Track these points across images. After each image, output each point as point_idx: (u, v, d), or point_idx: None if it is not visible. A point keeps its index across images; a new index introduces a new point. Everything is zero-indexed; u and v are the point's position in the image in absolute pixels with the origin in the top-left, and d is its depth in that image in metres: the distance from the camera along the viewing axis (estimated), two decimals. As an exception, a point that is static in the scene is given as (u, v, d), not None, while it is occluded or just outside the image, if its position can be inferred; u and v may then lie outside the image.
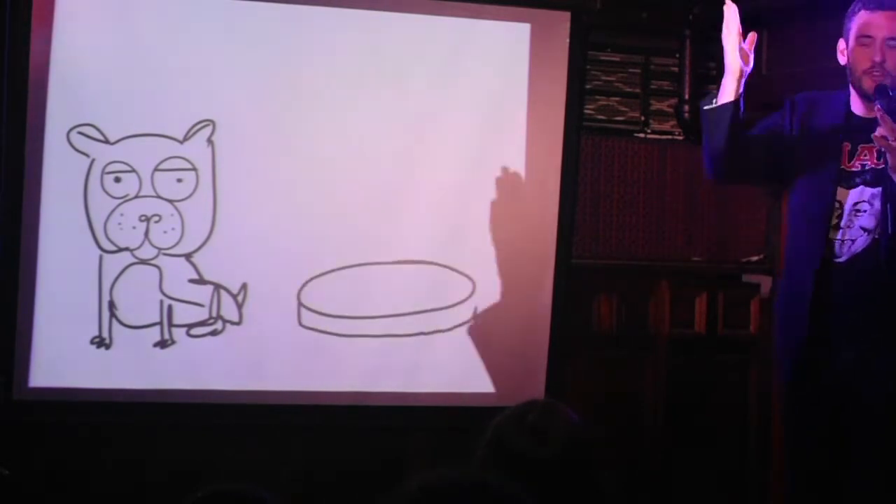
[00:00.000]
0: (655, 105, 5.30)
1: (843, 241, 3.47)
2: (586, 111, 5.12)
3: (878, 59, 3.39)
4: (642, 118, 5.28)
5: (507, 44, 4.76)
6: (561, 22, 4.80)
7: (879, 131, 3.29)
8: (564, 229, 4.84)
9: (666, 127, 5.30)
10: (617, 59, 5.24)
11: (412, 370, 4.74)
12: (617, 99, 5.24)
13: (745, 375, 5.24)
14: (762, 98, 5.02)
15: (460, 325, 4.76)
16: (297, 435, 4.75)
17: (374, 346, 4.70)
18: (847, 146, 3.49)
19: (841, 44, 3.54)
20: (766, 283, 5.24)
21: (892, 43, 3.41)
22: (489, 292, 4.77)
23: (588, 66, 5.10)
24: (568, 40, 4.80)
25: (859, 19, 3.45)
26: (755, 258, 5.32)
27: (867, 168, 3.47)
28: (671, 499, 5.16)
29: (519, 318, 4.79)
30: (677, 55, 5.25)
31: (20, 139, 4.38)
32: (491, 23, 4.74)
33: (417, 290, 4.72)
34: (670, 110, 5.28)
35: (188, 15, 4.54)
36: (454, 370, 4.76)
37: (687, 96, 5.23)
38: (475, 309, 4.77)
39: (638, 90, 5.27)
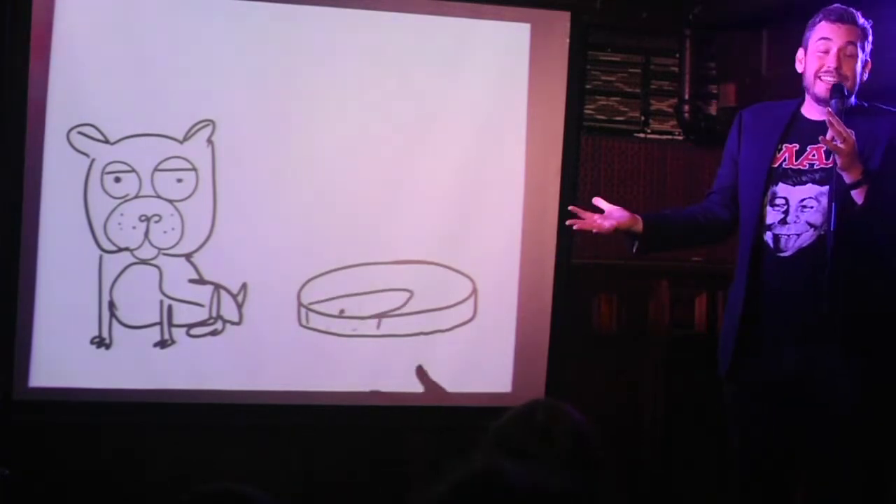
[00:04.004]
0: (655, 105, 5.30)
1: (788, 235, 3.59)
2: (586, 111, 5.12)
3: (833, 64, 3.57)
4: (642, 118, 5.28)
5: (507, 44, 4.76)
6: (561, 22, 4.80)
7: (830, 134, 3.40)
8: (564, 229, 4.83)
9: (666, 127, 5.30)
10: (617, 59, 5.24)
11: (412, 370, 4.74)
12: (617, 99, 5.24)
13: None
14: (762, 98, 5.02)
15: (460, 325, 4.76)
16: (297, 435, 4.75)
17: (374, 346, 4.70)
18: (794, 147, 3.63)
19: (800, 53, 3.71)
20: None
21: (849, 50, 3.58)
22: (489, 292, 4.77)
23: (588, 66, 5.10)
24: (568, 40, 4.80)
25: (819, 28, 3.63)
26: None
27: (816, 167, 3.60)
28: (671, 498, 5.16)
29: (519, 318, 4.79)
30: (677, 55, 5.25)
31: (20, 139, 4.38)
32: (491, 23, 4.74)
33: (417, 290, 4.72)
34: (670, 110, 5.27)
35: (188, 15, 4.54)
36: (454, 370, 4.76)
37: (687, 96, 5.23)
38: (475, 309, 4.77)
39: (638, 90, 5.27)
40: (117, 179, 4.50)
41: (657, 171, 5.27)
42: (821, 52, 3.59)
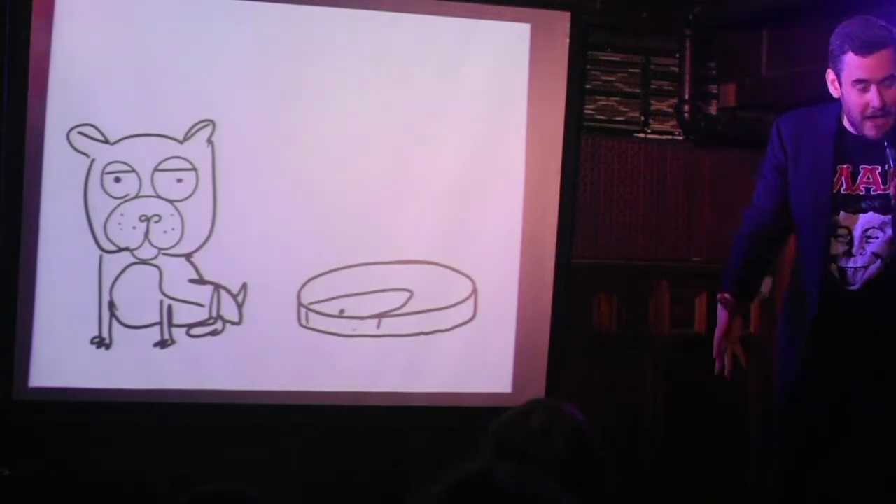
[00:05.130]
0: (655, 105, 5.29)
1: (855, 268, 3.47)
2: (586, 111, 5.12)
3: (877, 104, 3.34)
4: (642, 118, 5.28)
5: (507, 44, 4.76)
6: (561, 22, 4.80)
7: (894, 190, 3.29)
8: (564, 229, 4.83)
9: (666, 127, 5.29)
10: (617, 59, 5.23)
11: (412, 370, 4.74)
12: (617, 99, 5.24)
13: (744, 375, 5.23)
14: (762, 98, 5.03)
15: (460, 325, 4.76)
16: (297, 435, 4.75)
17: (374, 346, 4.70)
18: (847, 168, 3.47)
19: (830, 74, 3.45)
20: (766, 283, 5.23)
21: (887, 83, 3.34)
22: (489, 292, 4.77)
23: (588, 66, 5.10)
24: (568, 40, 4.80)
25: (850, 63, 3.36)
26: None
27: (873, 193, 3.45)
28: (671, 499, 5.16)
29: (519, 318, 4.79)
30: (677, 55, 5.25)
31: (20, 139, 4.38)
32: (491, 23, 4.74)
33: (417, 290, 4.72)
34: (670, 110, 5.27)
35: (188, 15, 4.54)
36: (454, 370, 4.76)
37: (687, 96, 5.23)
38: (475, 309, 4.77)
39: (638, 90, 5.26)
40: (117, 179, 4.49)
41: (657, 171, 5.27)
42: (858, 91, 3.35)
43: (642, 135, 5.27)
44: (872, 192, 3.45)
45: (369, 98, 4.64)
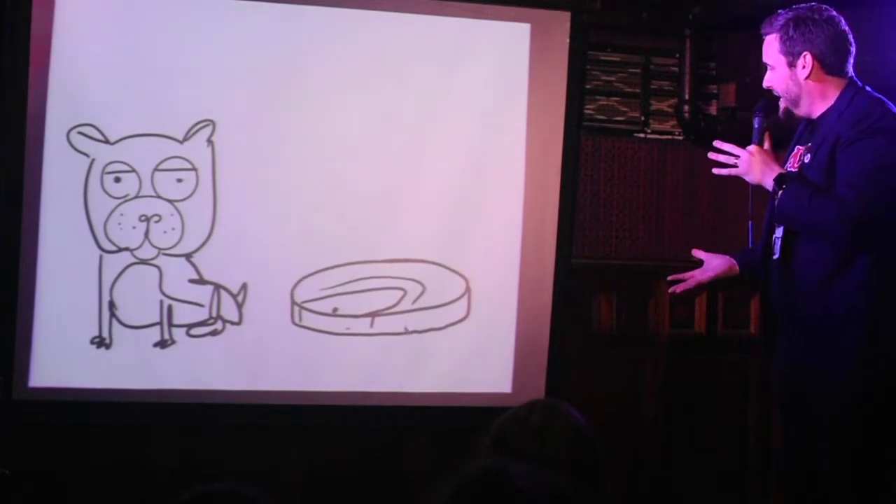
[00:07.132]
0: (655, 105, 5.29)
1: (776, 238, 3.67)
2: (586, 111, 5.12)
3: (763, 85, 3.67)
4: (642, 118, 5.28)
5: (507, 44, 4.76)
6: (561, 22, 4.80)
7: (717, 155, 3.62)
8: (564, 229, 4.83)
9: (666, 127, 5.29)
10: (617, 59, 5.23)
11: (411, 370, 4.74)
12: (617, 99, 5.24)
13: (744, 375, 5.24)
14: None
15: (454, 323, 4.76)
16: (297, 435, 4.75)
17: (373, 345, 4.70)
18: (802, 148, 3.67)
19: None
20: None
21: (768, 66, 3.64)
22: (489, 292, 4.77)
23: (588, 66, 5.10)
24: (568, 40, 4.80)
25: None
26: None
27: (788, 170, 3.66)
28: (671, 499, 5.16)
29: (519, 318, 4.79)
30: (677, 55, 5.25)
31: (20, 139, 4.38)
32: (491, 23, 4.74)
33: (417, 290, 4.72)
34: (670, 110, 5.27)
35: (188, 15, 4.54)
36: (453, 370, 4.76)
37: (687, 96, 5.23)
38: (475, 308, 4.77)
39: (638, 90, 5.26)
40: (117, 179, 4.50)
41: (657, 171, 5.27)
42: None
43: (642, 135, 5.27)
44: (788, 170, 3.65)
45: (369, 98, 4.65)
